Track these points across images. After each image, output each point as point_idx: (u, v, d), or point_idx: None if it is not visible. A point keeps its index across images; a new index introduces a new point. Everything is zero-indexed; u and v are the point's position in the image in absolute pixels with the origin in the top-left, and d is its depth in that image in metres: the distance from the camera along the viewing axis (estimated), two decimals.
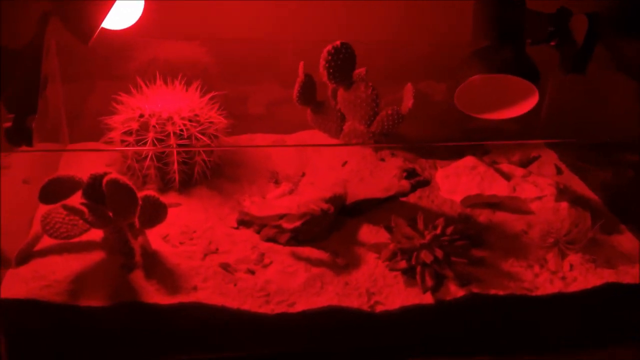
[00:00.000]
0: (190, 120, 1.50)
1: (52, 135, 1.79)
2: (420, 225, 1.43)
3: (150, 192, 1.27)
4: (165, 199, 1.54)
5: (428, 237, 1.40)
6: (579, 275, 1.47)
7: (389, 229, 1.44)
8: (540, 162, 1.91)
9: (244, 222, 1.50)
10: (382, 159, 1.79)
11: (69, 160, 1.71)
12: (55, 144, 1.75)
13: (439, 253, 1.39)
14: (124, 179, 1.20)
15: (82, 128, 1.87)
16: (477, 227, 1.61)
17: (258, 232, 1.48)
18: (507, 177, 1.72)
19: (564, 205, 1.60)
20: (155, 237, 1.40)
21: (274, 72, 1.93)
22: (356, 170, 1.71)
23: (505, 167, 1.75)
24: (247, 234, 1.48)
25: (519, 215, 1.66)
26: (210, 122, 1.53)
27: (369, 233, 1.54)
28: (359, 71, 1.71)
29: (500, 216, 1.67)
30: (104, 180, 1.20)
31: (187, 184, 1.55)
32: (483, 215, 1.66)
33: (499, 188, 1.65)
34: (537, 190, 1.63)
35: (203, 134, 1.50)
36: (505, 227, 1.63)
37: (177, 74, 1.62)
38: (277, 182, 1.66)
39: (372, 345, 1.31)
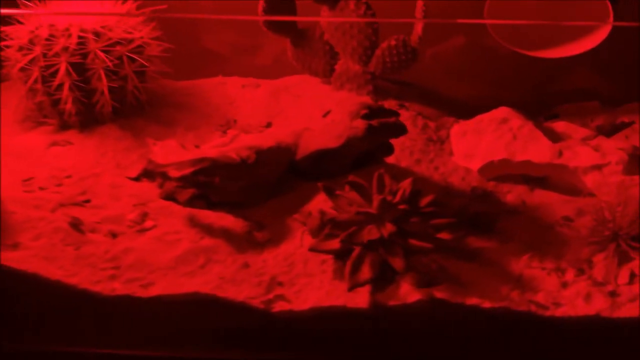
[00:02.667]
0: (96, 35, 1.13)
1: None
2: (374, 187, 0.92)
3: None
4: (56, 136, 1.19)
5: (375, 203, 0.89)
6: None
7: (329, 192, 0.95)
8: (633, 130, 1.29)
9: (148, 172, 1.09)
10: None
11: None
12: None
13: (390, 230, 0.88)
14: None
15: None
16: (497, 209, 1.07)
17: (161, 187, 1.07)
18: (557, 137, 1.14)
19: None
20: (13, 179, 1.04)
21: None
22: (339, 121, 1.22)
23: (560, 125, 1.17)
24: (143, 187, 1.06)
25: (570, 197, 1.08)
26: (125, 40, 1.15)
27: (324, 202, 1.05)
28: None
29: (539, 196, 1.09)
30: None
31: (94, 121, 1.18)
32: (513, 193, 1.09)
33: (537, 152, 1.09)
34: (596, 157, 1.04)
35: (108, 53, 1.12)
36: (540, 211, 1.06)
37: None
38: (225, 132, 1.24)
39: None
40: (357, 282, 0.83)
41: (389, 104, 1.32)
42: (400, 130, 0.99)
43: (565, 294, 0.87)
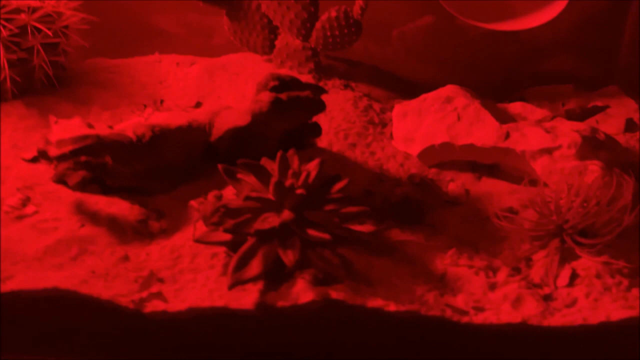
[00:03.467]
0: None
1: None
2: (275, 169, 0.80)
3: None
4: None
5: (271, 187, 0.77)
6: (584, 298, 0.73)
7: (230, 176, 0.83)
8: (607, 115, 1.16)
9: (44, 153, 0.98)
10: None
11: None
12: None
13: (285, 218, 0.75)
14: None
15: None
16: (433, 198, 0.93)
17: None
18: (510, 118, 1.00)
19: (593, 166, 0.85)
20: None
21: None
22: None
23: (516, 106, 1.03)
24: (38, 170, 0.95)
25: (520, 187, 0.94)
26: (30, 8, 1.04)
27: None
28: None
29: (486, 185, 0.95)
30: None
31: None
32: (457, 181, 0.96)
33: (481, 134, 0.95)
34: (546, 139, 0.90)
35: (8, 22, 1.01)
36: (483, 202, 0.92)
37: None
38: (143, 111, 1.12)
39: None
40: (240, 279, 0.71)
41: (334, 83, 1.20)
42: (315, 106, 0.86)
43: (491, 297, 0.73)
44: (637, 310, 0.69)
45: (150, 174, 0.92)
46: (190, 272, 0.77)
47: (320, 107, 0.86)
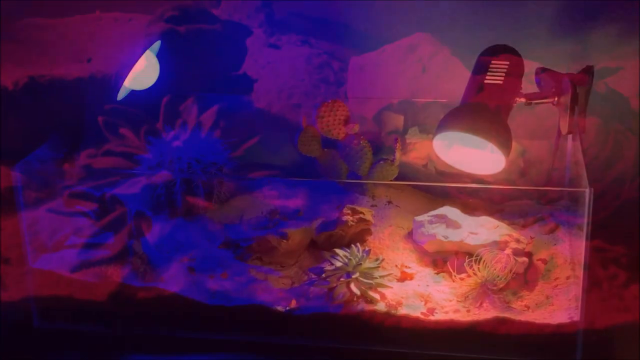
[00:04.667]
0: None
1: None
2: (160, 119, 0.61)
3: None
4: None
5: (142, 136, 0.58)
6: (562, 296, 0.53)
7: (112, 130, 0.64)
8: (619, 77, 0.95)
9: None
10: None
11: None
12: None
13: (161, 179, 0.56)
14: None
15: None
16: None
17: None
18: (488, 70, 0.80)
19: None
20: None
21: None
22: None
23: (500, 59, 0.83)
24: None
25: (493, 155, 0.74)
26: None
27: None
28: None
29: (457, 154, 0.77)
30: None
31: None
32: (420, 150, 0.77)
33: (450, 88, 0.75)
34: (527, 91, 0.70)
35: None
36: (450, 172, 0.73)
37: None
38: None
39: None
40: (92, 259, 0.53)
41: (289, 39, 1.03)
42: (230, 46, 0.67)
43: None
44: (637, 314, 0.49)
45: (42, 134, 0.76)
46: (46, 250, 0.60)
47: (239, 49, 0.68)
